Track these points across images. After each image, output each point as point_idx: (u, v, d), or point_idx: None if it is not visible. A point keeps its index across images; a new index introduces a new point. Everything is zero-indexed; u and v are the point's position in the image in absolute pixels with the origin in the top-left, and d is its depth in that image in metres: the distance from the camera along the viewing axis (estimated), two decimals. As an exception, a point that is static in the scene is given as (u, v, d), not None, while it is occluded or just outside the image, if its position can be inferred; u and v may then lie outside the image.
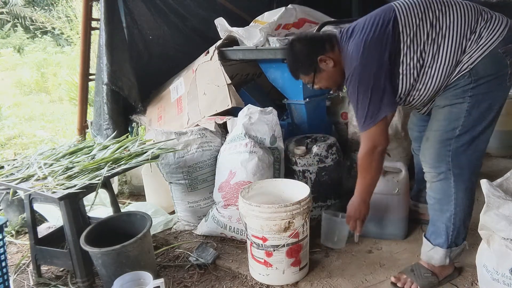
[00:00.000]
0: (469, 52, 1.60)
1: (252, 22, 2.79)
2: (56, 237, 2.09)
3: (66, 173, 1.93)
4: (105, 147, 2.20)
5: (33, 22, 10.62)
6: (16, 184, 1.93)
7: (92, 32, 3.25)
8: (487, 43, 1.58)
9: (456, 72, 1.63)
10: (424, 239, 1.82)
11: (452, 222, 1.71)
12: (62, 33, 9.49)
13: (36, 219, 2.11)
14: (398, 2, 1.72)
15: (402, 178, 2.10)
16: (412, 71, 1.67)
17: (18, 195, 2.25)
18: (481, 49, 1.59)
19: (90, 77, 3.28)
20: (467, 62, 1.61)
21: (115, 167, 1.98)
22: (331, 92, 2.21)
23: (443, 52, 1.63)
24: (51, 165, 2.04)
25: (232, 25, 2.77)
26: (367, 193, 1.90)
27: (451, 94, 1.66)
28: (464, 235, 1.77)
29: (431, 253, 1.78)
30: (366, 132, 1.74)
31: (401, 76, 1.69)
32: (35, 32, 10.92)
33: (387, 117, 1.74)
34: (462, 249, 1.79)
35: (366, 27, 1.70)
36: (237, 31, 2.70)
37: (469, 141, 1.64)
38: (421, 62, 1.66)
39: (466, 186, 1.68)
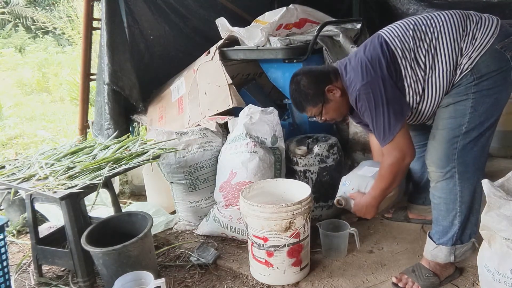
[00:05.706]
0: (467, 54, 1.62)
1: (253, 22, 2.79)
2: (57, 237, 2.10)
3: (67, 173, 1.93)
4: (106, 147, 2.20)
5: (35, 22, 10.62)
6: (17, 184, 1.94)
7: (93, 32, 3.24)
8: (482, 43, 1.60)
9: (457, 74, 1.65)
10: (427, 238, 1.82)
11: (458, 220, 1.71)
12: (63, 33, 9.49)
13: (37, 219, 2.11)
14: (383, 29, 1.78)
15: None
16: (416, 84, 1.70)
17: (19, 195, 2.26)
18: (478, 49, 1.61)
19: (91, 77, 3.28)
20: (466, 63, 1.62)
21: (116, 167, 1.99)
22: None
23: (440, 61, 1.65)
24: (52, 165, 2.04)
25: (233, 25, 2.77)
26: (381, 197, 1.89)
27: (454, 92, 1.67)
28: (471, 232, 1.76)
29: (435, 251, 1.78)
30: (391, 144, 1.72)
31: (407, 90, 1.71)
32: (37, 32, 10.91)
33: (405, 127, 1.73)
34: (470, 246, 1.77)
35: (359, 52, 1.77)
36: (238, 31, 2.70)
37: (476, 138, 1.65)
38: (422, 74, 1.68)
39: (471, 183, 1.68)
